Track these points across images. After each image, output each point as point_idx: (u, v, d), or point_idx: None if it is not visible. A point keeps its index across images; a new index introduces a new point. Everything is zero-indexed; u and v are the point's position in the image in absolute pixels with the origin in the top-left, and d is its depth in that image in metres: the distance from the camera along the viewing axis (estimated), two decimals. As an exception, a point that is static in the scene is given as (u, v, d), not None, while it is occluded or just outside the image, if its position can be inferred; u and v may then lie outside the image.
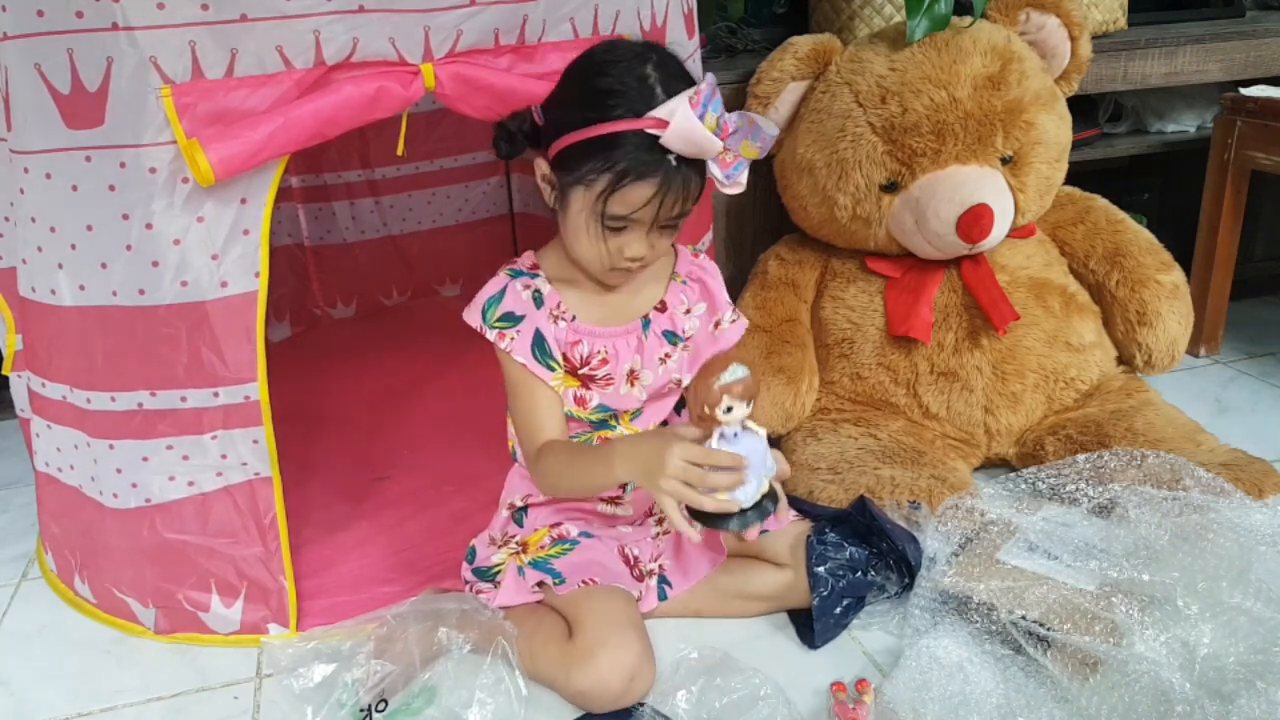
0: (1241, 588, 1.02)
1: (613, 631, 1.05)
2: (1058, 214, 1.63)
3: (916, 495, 1.29)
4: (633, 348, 1.14)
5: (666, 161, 0.98)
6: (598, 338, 1.13)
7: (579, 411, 1.14)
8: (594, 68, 1.03)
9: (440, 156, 2.22)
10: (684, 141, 0.97)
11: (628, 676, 1.03)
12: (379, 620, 1.13)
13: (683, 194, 1.01)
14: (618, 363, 1.14)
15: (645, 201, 1.00)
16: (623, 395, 1.15)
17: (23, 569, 1.44)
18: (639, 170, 0.98)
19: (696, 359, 1.18)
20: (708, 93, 0.97)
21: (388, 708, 1.03)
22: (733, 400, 0.93)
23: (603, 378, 1.14)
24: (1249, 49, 1.86)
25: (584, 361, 1.13)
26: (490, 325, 1.12)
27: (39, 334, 1.19)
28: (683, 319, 1.17)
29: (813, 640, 1.14)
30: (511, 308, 1.12)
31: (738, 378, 0.93)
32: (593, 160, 1.00)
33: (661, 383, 1.16)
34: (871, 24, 1.69)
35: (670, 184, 0.99)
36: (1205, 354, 1.92)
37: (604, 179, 0.99)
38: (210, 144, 1.01)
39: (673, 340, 1.17)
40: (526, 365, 1.10)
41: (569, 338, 1.12)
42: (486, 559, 1.20)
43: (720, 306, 1.19)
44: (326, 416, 1.81)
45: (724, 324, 1.18)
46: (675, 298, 1.17)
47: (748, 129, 1.00)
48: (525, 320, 1.11)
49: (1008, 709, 0.99)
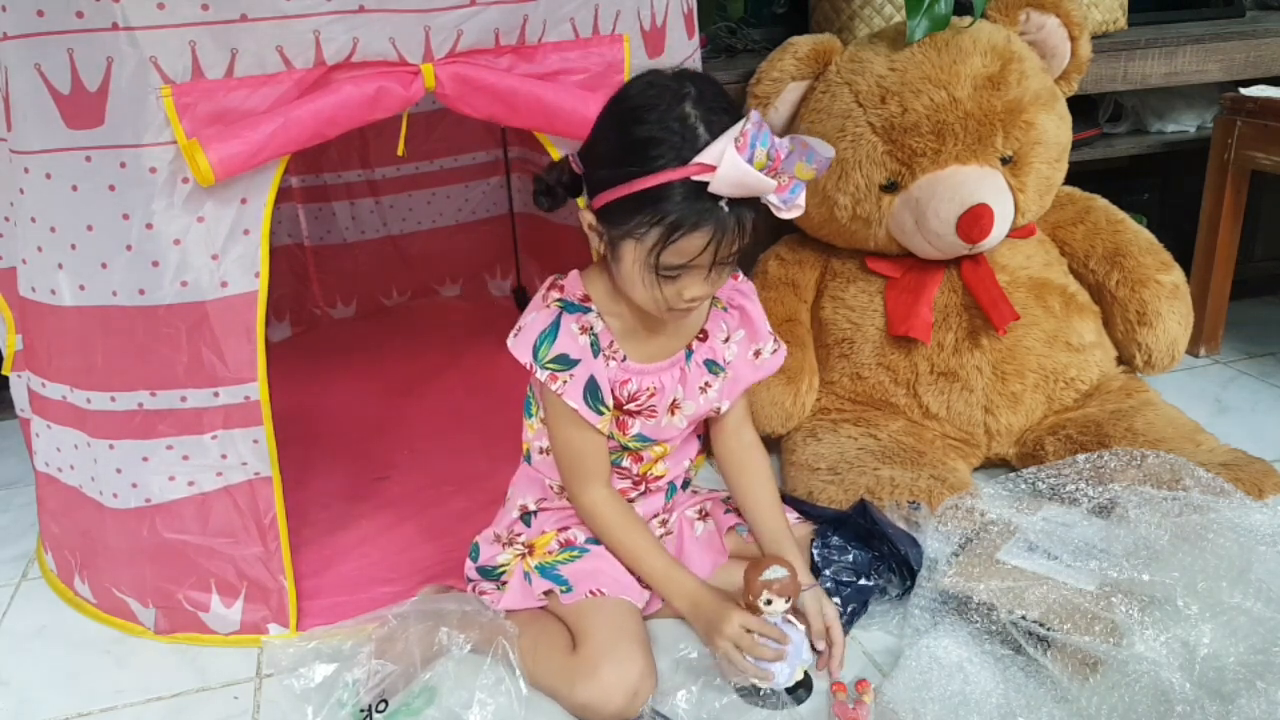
0: (1241, 588, 1.02)
1: (617, 647, 1.05)
2: (1058, 214, 1.63)
3: (916, 495, 1.29)
4: (675, 379, 1.13)
5: (718, 208, 0.94)
6: (645, 375, 1.11)
7: (618, 435, 1.13)
8: (630, 114, 0.98)
9: (440, 156, 2.22)
10: (734, 186, 0.92)
11: (630, 693, 1.02)
12: (380, 620, 1.13)
13: (738, 235, 0.97)
14: (663, 396, 1.12)
15: (700, 250, 0.95)
16: (664, 426, 1.14)
17: (23, 569, 1.44)
18: (691, 221, 0.94)
19: (736, 385, 1.17)
20: (754, 132, 0.92)
21: (388, 708, 1.03)
22: (772, 595, 1.06)
23: (647, 410, 1.13)
24: (1249, 49, 1.86)
25: (631, 398, 1.11)
26: (542, 365, 1.06)
27: (39, 334, 1.19)
28: (722, 347, 1.15)
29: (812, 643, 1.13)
30: (566, 349, 1.06)
31: (777, 577, 1.06)
32: (641, 214, 0.95)
33: (702, 411, 1.16)
34: (871, 24, 1.69)
35: (724, 229, 0.95)
36: (1205, 354, 1.92)
37: (655, 233, 0.95)
38: (210, 144, 1.01)
39: (713, 369, 1.15)
40: (578, 410, 1.07)
41: (619, 377, 1.10)
42: (491, 558, 1.20)
43: (761, 335, 1.17)
44: (326, 416, 1.81)
45: (764, 354, 1.18)
46: (715, 325, 1.15)
47: (800, 151, 0.95)
48: (580, 365, 1.06)
49: (1008, 709, 0.99)
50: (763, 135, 0.92)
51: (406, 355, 2.05)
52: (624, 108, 0.99)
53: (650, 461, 1.18)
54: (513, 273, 2.32)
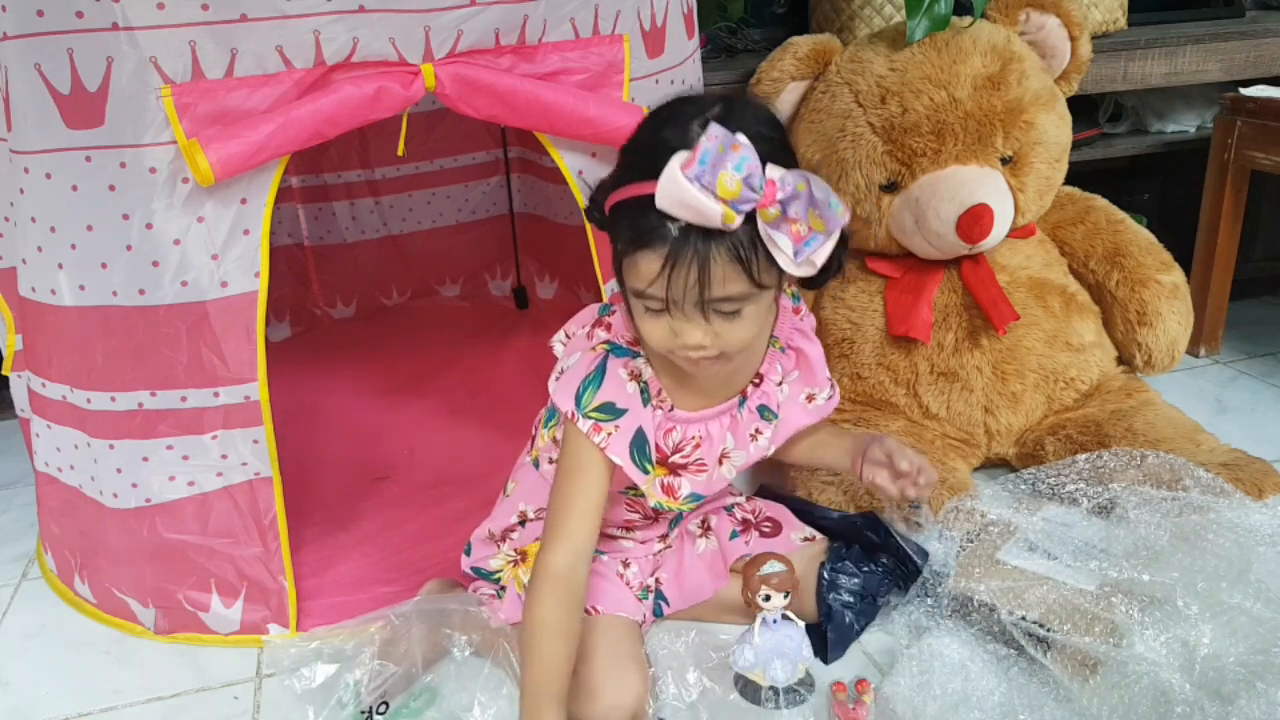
0: (1241, 588, 1.02)
1: (616, 669, 1.02)
2: (1058, 214, 1.63)
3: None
4: (725, 427, 1.04)
5: (668, 230, 0.83)
6: (691, 423, 1.02)
7: (668, 502, 1.03)
8: (656, 120, 0.92)
9: (440, 156, 2.22)
10: (673, 204, 0.82)
11: (629, 714, 1.01)
12: (382, 620, 1.13)
13: (699, 272, 0.84)
14: (711, 447, 1.03)
15: (655, 275, 0.85)
16: (714, 480, 1.06)
17: (23, 569, 1.44)
18: (640, 238, 0.85)
19: (785, 429, 1.09)
20: (709, 149, 0.80)
21: (389, 709, 1.03)
22: (770, 590, 1.07)
23: (694, 464, 1.04)
24: (1249, 49, 1.86)
25: (675, 449, 1.02)
26: (585, 415, 0.95)
27: (39, 334, 1.19)
28: (776, 392, 1.07)
29: (823, 657, 1.13)
30: (613, 398, 0.96)
31: (774, 571, 1.07)
32: (618, 225, 0.90)
33: (752, 460, 1.08)
34: (871, 24, 1.70)
35: (679, 255, 0.83)
36: (1205, 354, 1.92)
37: (619, 248, 0.89)
38: (210, 144, 1.01)
39: (766, 415, 1.07)
40: (623, 466, 0.96)
41: (664, 426, 1.01)
42: (484, 559, 1.19)
43: (819, 380, 1.09)
44: (326, 416, 1.81)
45: (819, 400, 1.10)
46: (772, 367, 1.06)
47: (809, 196, 0.83)
48: (628, 415, 0.96)
49: (1008, 709, 0.99)
50: (734, 157, 0.81)
51: (406, 355, 2.05)
52: (659, 112, 0.93)
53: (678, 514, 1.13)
54: (513, 273, 2.32)
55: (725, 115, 0.86)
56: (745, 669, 1.06)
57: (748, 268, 0.85)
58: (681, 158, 0.81)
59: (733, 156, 0.81)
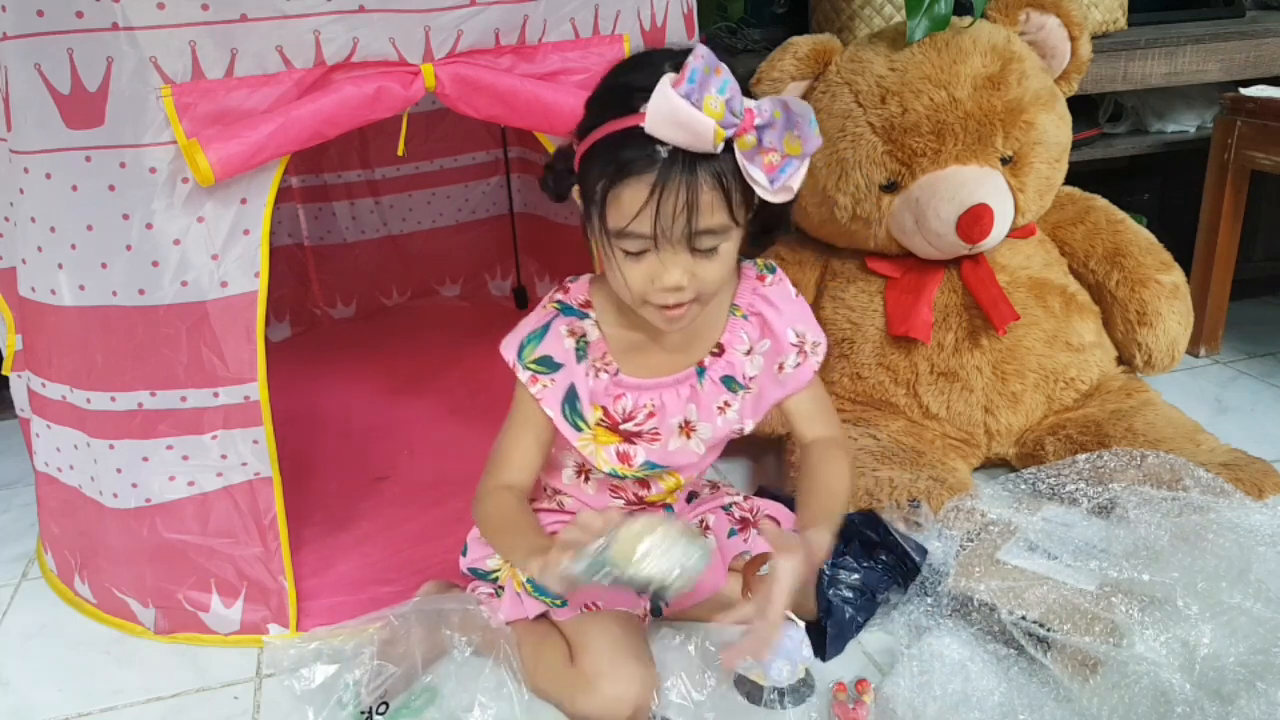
0: (1241, 588, 1.02)
1: (615, 663, 1.03)
2: (1058, 214, 1.63)
3: (916, 496, 1.29)
4: (684, 398, 1.03)
5: (656, 153, 0.84)
6: (643, 391, 1.02)
7: (624, 469, 1.04)
8: (620, 69, 0.93)
9: (440, 156, 2.22)
10: (666, 123, 0.82)
11: (630, 707, 1.01)
12: (382, 620, 1.13)
13: (688, 197, 0.84)
14: (665, 416, 1.03)
15: (641, 206, 0.85)
16: (673, 451, 1.05)
17: (23, 569, 1.44)
18: (627, 168, 0.85)
19: (760, 403, 1.06)
20: (696, 68, 0.81)
21: (389, 709, 1.03)
22: None
23: (649, 433, 1.03)
24: (1249, 49, 1.86)
25: (627, 416, 1.02)
26: (525, 366, 1.00)
27: (39, 334, 1.19)
28: (743, 361, 1.04)
29: (822, 654, 1.13)
30: (551, 351, 1.00)
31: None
32: (594, 169, 0.89)
33: (722, 434, 1.06)
34: (871, 24, 1.70)
35: (667, 180, 0.84)
36: (1205, 354, 1.92)
37: (599, 188, 0.87)
38: (210, 144, 1.01)
39: (732, 387, 1.04)
40: (554, 421, 1.00)
41: (612, 391, 1.01)
42: (481, 560, 1.18)
43: (784, 348, 1.05)
44: (326, 416, 1.81)
45: (787, 367, 1.05)
46: (734, 336, 1.04)
47: (787, 118, 0.85)
48: (562, 370, 1.00)
49: (1008, 709, 0.99)
50: (717, 79, 0.82)
51: (406, 355, 2.05)
52: (620, 63, 0.95)
53: (661, 493, 1.12)
54: (513, 273, 2.32)
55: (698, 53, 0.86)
56: (745, 669, 1.06)
57: (728, 197, 0.87)
58: (671, 78, 0.82)
59: (717, 80, 0.82)
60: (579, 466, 1.10)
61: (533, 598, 1.11)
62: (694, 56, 0.82)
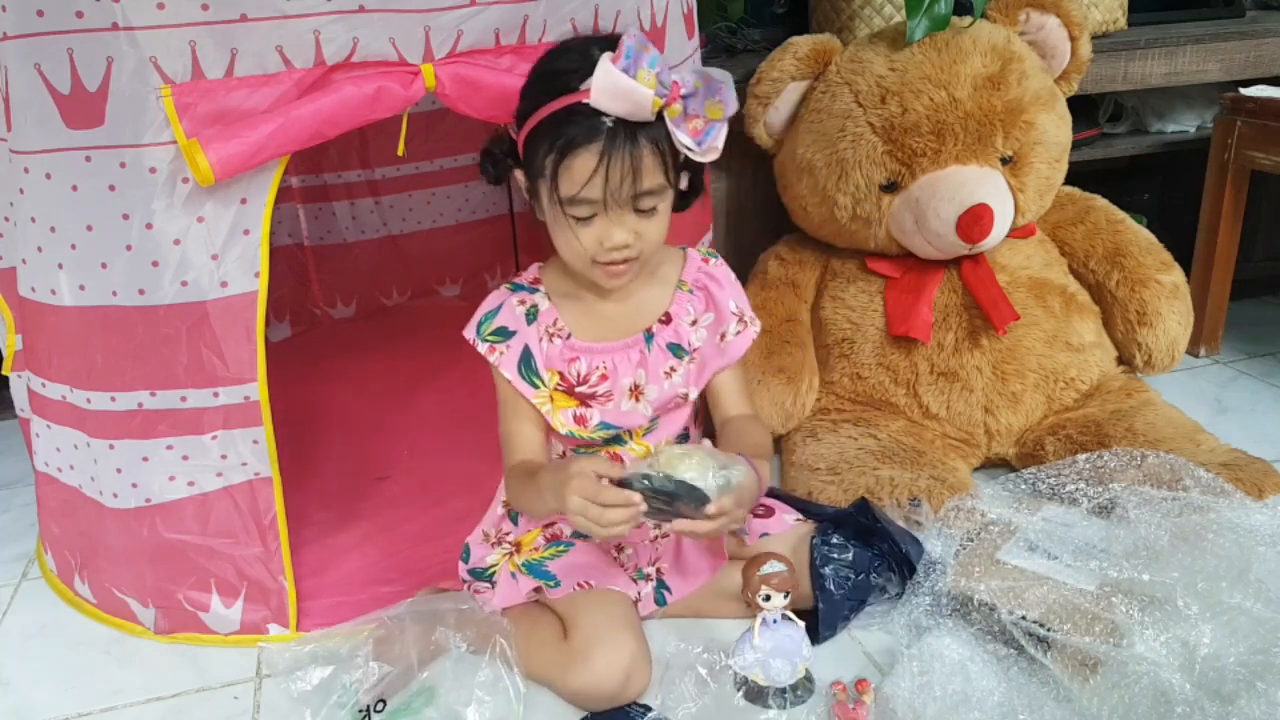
0: (1241, 588, 1.02)
1: (607, 631, 1.06)
2: (1058, 214, 1.63)
3: (916, 495, 1.29)
4: (634, 362, 1.11)
5: (601, 124, 0.94)
6: (595, 354, 1.11)
7: (580, 431, 1.11)
8: (548, 57, 1.03)
9: (440, 156, 2.22)
10: (609, 96, 0.93)
11: (623, 674, 1.03)
12: (376, 621, 1.13)
13: (632, 162, 0.95)
14: (616, 378, 1.11)
15: (591, 173, 0.95)
16: (625, 411, 1.12)
17: (23, 569, 1.44)
18: (576, 140, 0.95)
19: (703, 371, 1.14)
20: (631, 45, 0.92)
21: (386, 708, 1.03)
22: (770, 590, 1.07)
23: (603, 394, 1.11)
24: (1249, 49, 1.86)
25: (581, 379, 1.11)
26: (483, 339, 1.11)
27: (39, 334, 1.19)
28: (688, 331, 1.13)
29: (814, 637, 1.13)
30: (505, 322, 1.11)
31: (774, 571, 1.07)
32: (541, 146, 0.98)
33: (667, 397, 1.13)
34: (871, 24, 1.69)
35: (613, 149, 0.94)
36: (1205, 354, 1.92)
37: (551, 160, 0.97)
38: (210, 144, 1.01)
39: (677, 353, 1.13)
40: (512, 381, 1.10)
41: (565, 355, 1.10)
42: (481, 559, 1.20)
43: (725, 317, 1.14)
44: (326, 416, 1.81)
45: (729, 335, 1.14)
46: (681, 308, 1.13)
47: (707, 87, 0.96)
48: (516, 336, 1.10)
49: (1008, 709, 0.99)
50: (648, 55, 0.93)
51: (406, 355, 2.05)
52: (546, 53, 1.05)
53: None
54: (512, 273, 2.32)
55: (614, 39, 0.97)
56: (745, 669, 1.07)
57: (664, 160, 0.98)
58: (609, 55, 0.93)
59: (647, 56, 0.94)
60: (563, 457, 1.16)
61: (527, 577, 1.14)
62: (627, 36, 0.93)
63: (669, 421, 1.16)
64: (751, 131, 1.59)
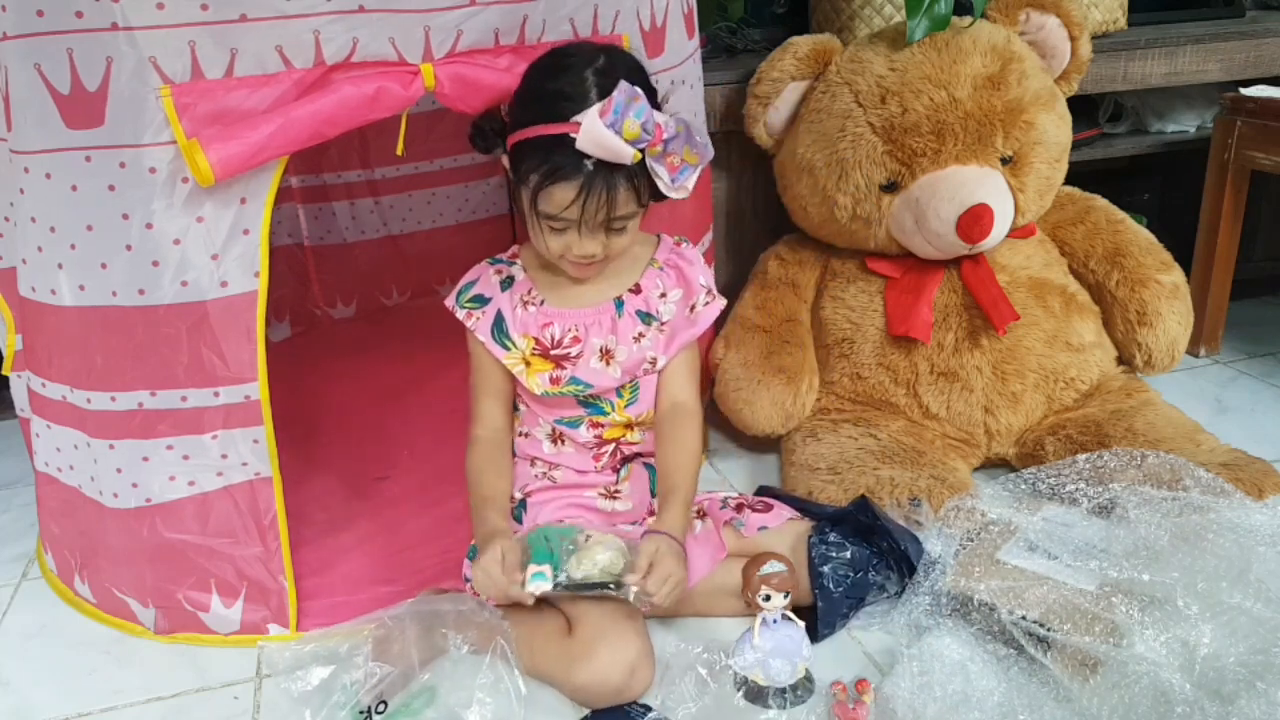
0: (1241, 588, 1.02)
1: (611, 626, 1.06)
2: (1058, 214, 1.63)
3: (916, 495, 1.29)
4: (606, 327, 1.18)
5: (584, 165, 1.02)
6: (568, 318, 1.18)
7: (554, 390, 1.17)
8: (547, 71, 1.08)
9: (440, 156, 2.22)
10: (594, 146, 1.01)
11: (628, 670, 1.04)
12: (376, 621, 1.13)
13: (607, 197, 1.04)
14: (588, 338, 1.17)
15: (569, 203, 1.04)
16: (595, 369, 1.17)
17: (23, 569, 1.44)
18: (559, 173, 1.03)
19: (673, 341, 1.20)
20: (620, 101, 1.00)
21: (387, 709, 1.03)
22: (770, 590, 1.08)
23: (575, 355, 1.17)
24: (1249, 49, 1.86)
25: (556, 343, 1.17)
26: (461, 305, 1.20)
27: (39, 334, 1.19)
28: (657, 302, 1.19)
29: (813, 635, 1.13)
30: (481, 290, 1.20)
31: (774, 571, 1.09)
32: (528, 160, 1.05)
33: (636, 360, 1.18)
34: (871, 24, 1.70)
35: (591, 187, 1.03)
36: (1205, 354, 1.92)
37: (534, 179, 1.05)
38: (210, 144, 1.01)
39: (646, 320, 1.19)
40: (485, 344, 1.18)
41: (539, 320, 1.17)
42: None
43: (695, 290, 1.20)
44: (326, 416, 1.81)
45: (698, 306, 1.20)
46: (651, 282, 1.20)
47: (686, 136, 1.04)
48: (490, 302, 1.19)
49: (1008, 709, 0.99)
50: (636, 107, 1.01)
51: (406, 355, 2.05)
52: (546, 63, 1.09)
53: (612, 427, 1.21)
54: (508, 268, 2.32)
55: (610, 65, 1.05)
56: (745, 669, 1.07)
57: (637, 191, 1.07)
58: (598, 107, 1.00)
59: (635, 107, 1.01)
60: (552, 434, 1.23)
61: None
62: (618, 91, 1.00)
63: (647, 390, 1.21)
64: (751, 131, 1.59)
